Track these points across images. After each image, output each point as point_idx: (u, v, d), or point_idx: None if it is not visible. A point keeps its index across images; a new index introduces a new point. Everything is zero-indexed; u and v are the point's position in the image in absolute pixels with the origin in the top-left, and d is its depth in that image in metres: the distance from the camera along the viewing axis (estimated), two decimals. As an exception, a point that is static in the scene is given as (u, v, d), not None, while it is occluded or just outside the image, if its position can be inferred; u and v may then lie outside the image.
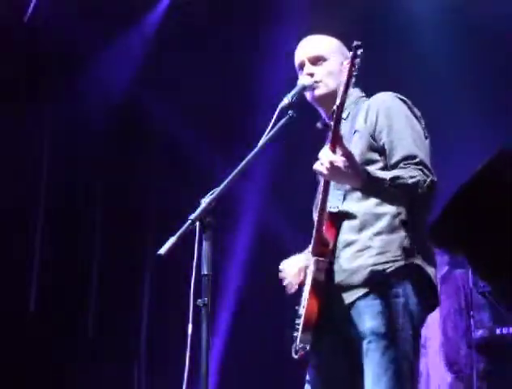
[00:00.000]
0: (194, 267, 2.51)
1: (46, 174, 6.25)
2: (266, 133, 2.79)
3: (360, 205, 2.77)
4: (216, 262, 2.58)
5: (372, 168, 2.68)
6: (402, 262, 2.70)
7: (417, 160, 2.71)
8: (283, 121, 2.82)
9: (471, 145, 5.21)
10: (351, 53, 2.57)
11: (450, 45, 5.62)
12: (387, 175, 2.64)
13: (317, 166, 2.59)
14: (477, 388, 4.71)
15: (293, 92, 2.86)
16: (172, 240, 2.47)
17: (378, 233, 2.73)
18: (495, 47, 5.48)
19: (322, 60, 2.95)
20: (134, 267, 6.58)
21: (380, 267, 2.69)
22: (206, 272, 2.50)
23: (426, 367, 5.18)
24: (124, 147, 6.44)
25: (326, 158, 2.56)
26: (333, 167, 2.54)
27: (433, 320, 5.21)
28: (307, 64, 2.95)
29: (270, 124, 2.79)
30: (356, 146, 2.79)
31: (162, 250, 2.45)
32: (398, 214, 2.75)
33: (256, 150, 2.74)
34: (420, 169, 2.69)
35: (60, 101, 6.11)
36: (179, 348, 2.66)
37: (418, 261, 2.72)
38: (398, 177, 2.63)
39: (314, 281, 2.71)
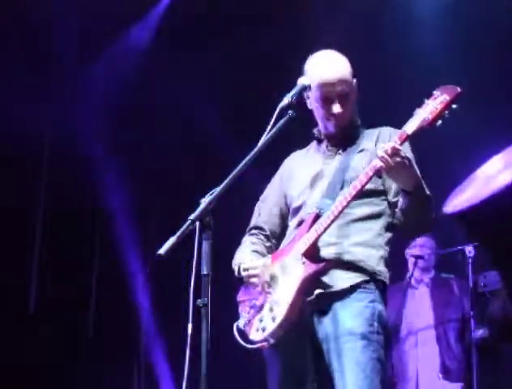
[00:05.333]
0: (194, 267, 2.50)
1: (46, 174, 6.25)
2: (265, 133, 2.77)
3: (346, 213, 2.78)
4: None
5: None
6: (378, 277, 2.80)
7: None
8: (282, 121, 2.80)
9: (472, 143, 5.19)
10: (445, 95, 2.55)
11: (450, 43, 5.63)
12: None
13: (394, 156, 2.58)
14: (477, 388, 4.70)
15: (293, 92, 2.85)
16: (172, 240, 2.47)
17: (360, 244, 2.81)
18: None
19: (348, 96, 2.92)
20: (134, 267, 6.58)
21: (359, 273, 2.77)
22: (206, 272, 2.50)
23: (416, 370, 5.14)
24: (124, 147, 6.43)
25: (402, 153, 2.60)
26: (410, 163, 2.63)
27: (427, 324, 5.19)
28: (336, 103, 2.90)
29: (270, 124, 2.78)
30: (360, 161, 2.87)
31: (162, 250, 2.45)
32: (381, 234, 2.85)
33: (255, 150, 2.72)
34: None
35: (60, 101, 6.11)
36: (179, 348, 2.66)
37: (386, 280, 2.84)
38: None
39: (303, 283, 2.73)
